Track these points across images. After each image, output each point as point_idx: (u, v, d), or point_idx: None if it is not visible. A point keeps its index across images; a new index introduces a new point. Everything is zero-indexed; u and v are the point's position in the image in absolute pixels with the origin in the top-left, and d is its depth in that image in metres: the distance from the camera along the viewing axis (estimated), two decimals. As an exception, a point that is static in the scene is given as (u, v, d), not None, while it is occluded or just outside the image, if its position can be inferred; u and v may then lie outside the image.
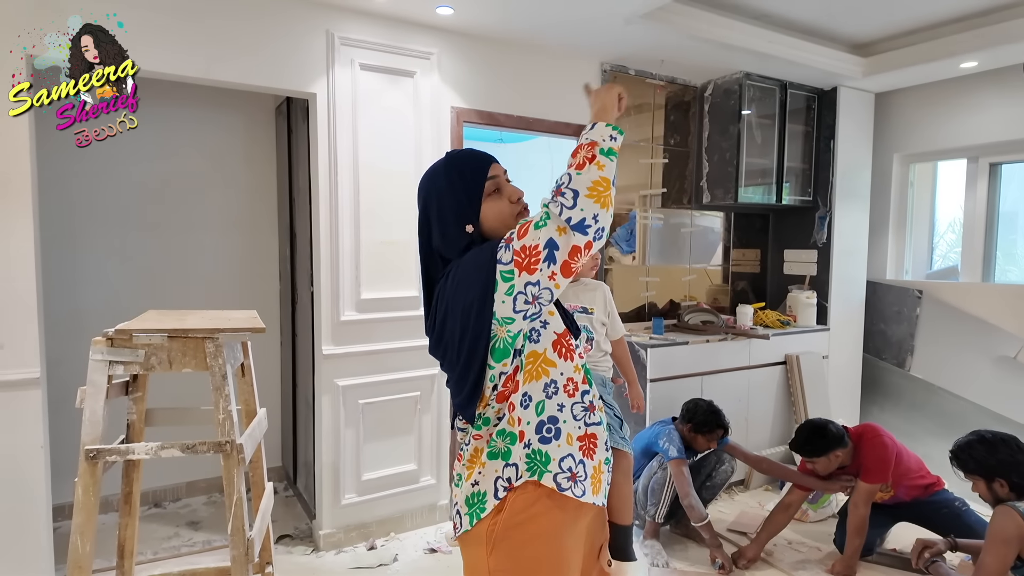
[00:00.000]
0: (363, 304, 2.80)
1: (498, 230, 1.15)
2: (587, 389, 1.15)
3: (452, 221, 1.16)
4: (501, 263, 1.04)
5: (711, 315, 3.77)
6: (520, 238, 1.03)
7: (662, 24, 2.87)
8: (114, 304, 3.05)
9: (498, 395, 1.12)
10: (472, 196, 1.14)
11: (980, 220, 3.85)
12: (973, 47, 3.23)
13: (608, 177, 1.02)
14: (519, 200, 1.18)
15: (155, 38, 2.32)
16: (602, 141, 1.04)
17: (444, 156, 1.22)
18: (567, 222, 0.99)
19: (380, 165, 2.82)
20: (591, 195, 0.99)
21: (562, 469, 1.10)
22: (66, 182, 2.98)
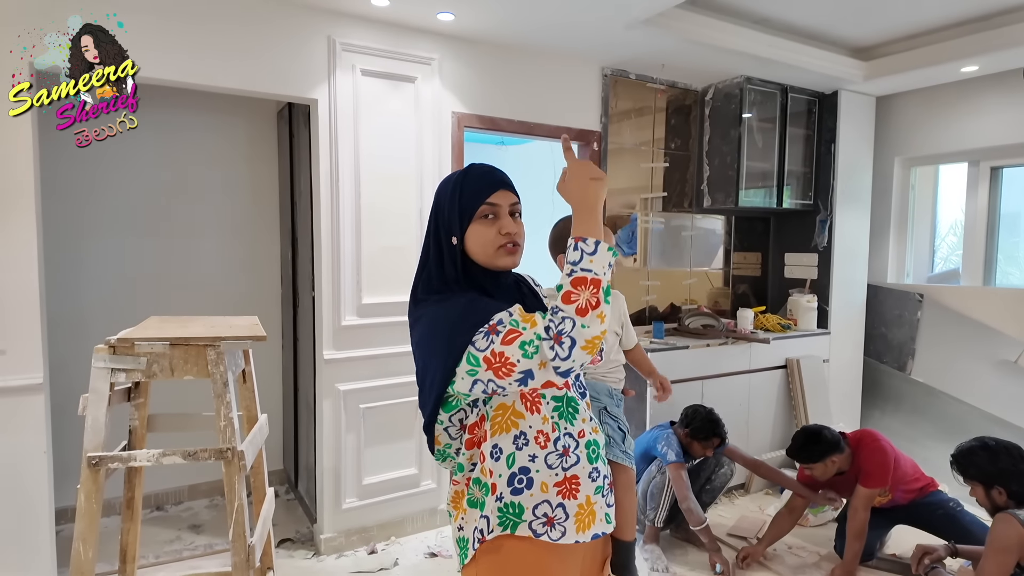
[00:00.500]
0: (364, 309, 2.81)
1: (478, 255, 1.14)
2: (559, 436, 1.11)
3: (443, 228, 1.16)
4: (473, 345, 1.02)
5: (712, 319, 3.78)
6: (502, 343, 1.00)
7: (663, 29, 2.88)
8: (116, 308, 3.07)
9: (467, 441, 1.13)
10: (464, 212, 1.14)
11: (981, 224, 3.86)
12: (974, 51, 3.23)
13: (606, 329, 1.00)
14: (508, 235, 1.13)
15: (158, 44, 2.33)
16: (604, 276, 1.00)
17: (465, 167, 1.21)
18: (555, 368, 0.99)
19: (382, 170, 2.83)
20: (587, 348, 0.98)
21: (536, 516, 1.09)
22: (69, 187, 3.00)
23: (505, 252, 1.14)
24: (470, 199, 1.14)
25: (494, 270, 1.16)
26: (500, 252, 1.14)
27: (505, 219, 1.14)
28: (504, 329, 1.02)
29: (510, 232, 1.14)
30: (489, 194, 1.14)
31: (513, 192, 1.18)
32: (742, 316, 3.73)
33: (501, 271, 1.17)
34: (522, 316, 1.04)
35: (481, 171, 1.17)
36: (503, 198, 1.15)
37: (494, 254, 1.14)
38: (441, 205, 1.18)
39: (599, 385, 2.09)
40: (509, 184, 1.18)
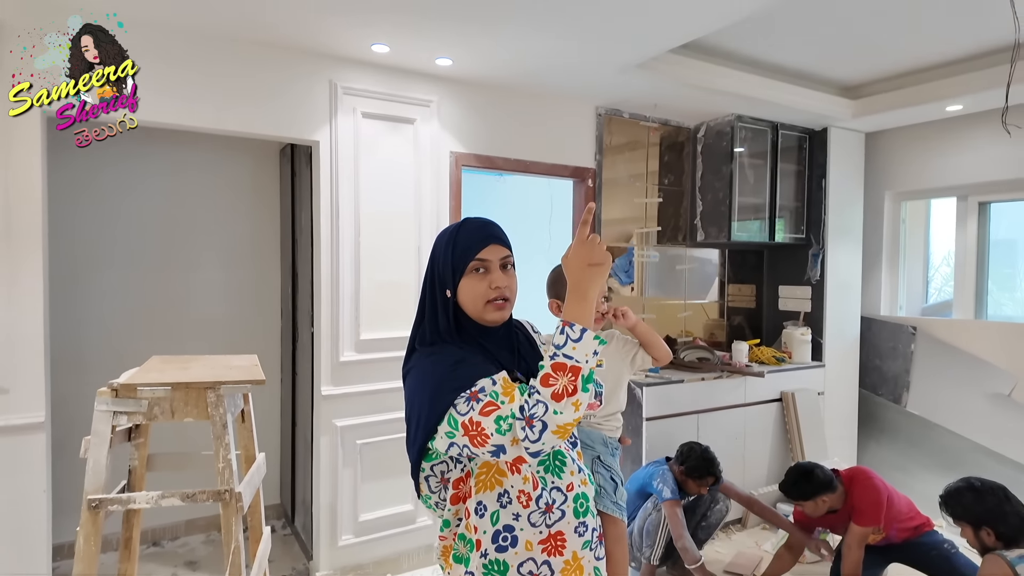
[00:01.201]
0: (362, 344, 2.85)
1: (469, 308, 1.18)
2: (541, 493, 1.13)
3: (438, 281, 1.21)
4: (455, 408, 1.05)
5: (707, 352, 3.81)
6: (480, 413, 1.03)
7: (655, 73, 2.97)
8: (118, 343, 3.11)
9: (452, 497, 1.15)
10: (456, 266, 1.18)
11: (971, 257, 3.91)
12: (956, 92, 3.33)
13: (580, 417, 1.02)
14: (496, 289, 1.17)
15: (164, 89, 2.41)
16: (586, 363, 1.02)
17: (460, 220, 1.26)
18: (525, 448, 1.01)
19: (381, 208, 2.90)
20: (558, 433, 1.00)
21: (522, 573, 1.11)
22: (73, 223, 3.06)
23: (494, 308, 1.17)
24: (462, 254, 1.18)
25: (485, 324, 1.20)
26: (489, 307, 1.17)
27: (495, 273, 1.18)
28: (484, 399, 1.04)
29: (499, 286, 1.17)
30: (480, 249, 1.18)
31: (504, 246, 1.21)
32: (737, 349, 3.77)
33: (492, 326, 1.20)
34: (504, 387, 1.06)
35: (474, 226, 1.21)
36: (494, 252, 1.19)
37: (483, 308, 1.17)
38: (436, 258, 1.22)
39: (594, 433, 2.02)
40: (500, 238, 1.21)
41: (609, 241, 3.75)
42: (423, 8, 2.25)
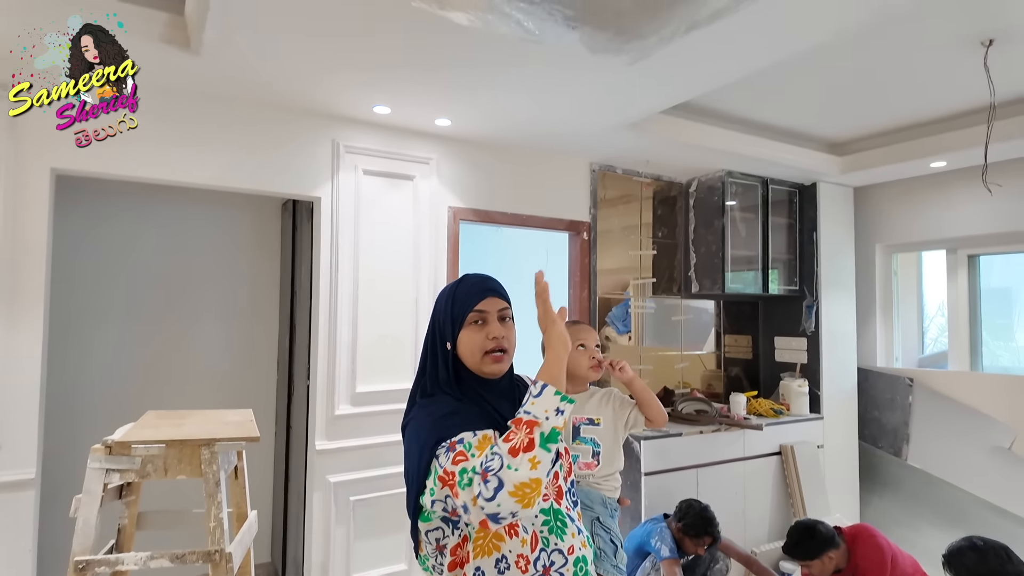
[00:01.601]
0: (358, 397, 2.85)
1: (468, 359, 1.21)
2: (539, 555, 1.12)
3: (438, 333, 1.24)
4: (437, 459, 1.06)
5: (704, 404, 3.79)
6: (452, 463, 1.03)
7: (646, 132, 3.08)
8: (114, 395, 3.09)
9: (450, 563, 1.15)
10: (456, 319, 1.21)
11: (963, 309, 3.95)
12: (939, 149, 3.43)
13: (540, 477, 0.96)
14: (494, 340, 1.19)
15: (170, 148, 2.49)
16: (545, 420, 1.00)
17: (460, 277, 1.30)
18: (481, 508, 0.96)
19: (380, 262, 2.95)
20: (515, 495, 0.94)
21: None
22: (74, 275, 3.09)
23: (492, 359, 1.20)
24: (461, 306, 1.22)
25: (483, 376, 1.22)
26: (487, 359, 1.20)
27: (493, 324, 1.22)
28: (459, 449, 1.05)
29: (496, 336, 1.20)
30: (478, 301, 1.22)
31: (502, 299, 1.25)
32: (735, 401, 3.75)
33: (492, 378, 1.22)
34: (479, 442, 1.06)
35: (473, 280, 1.26)
36: (492, 305, 1.23)
37: (481, 360, 1.20)
38: (438, 312, 1.26)
39: (593, 494, 1.96)
40: (498, 292, 1.26)
41: (605, 291, 3.79)
42: (423, 74, 2.35)
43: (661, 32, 1.79)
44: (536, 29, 1.76)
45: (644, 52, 1.91)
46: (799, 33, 2.02)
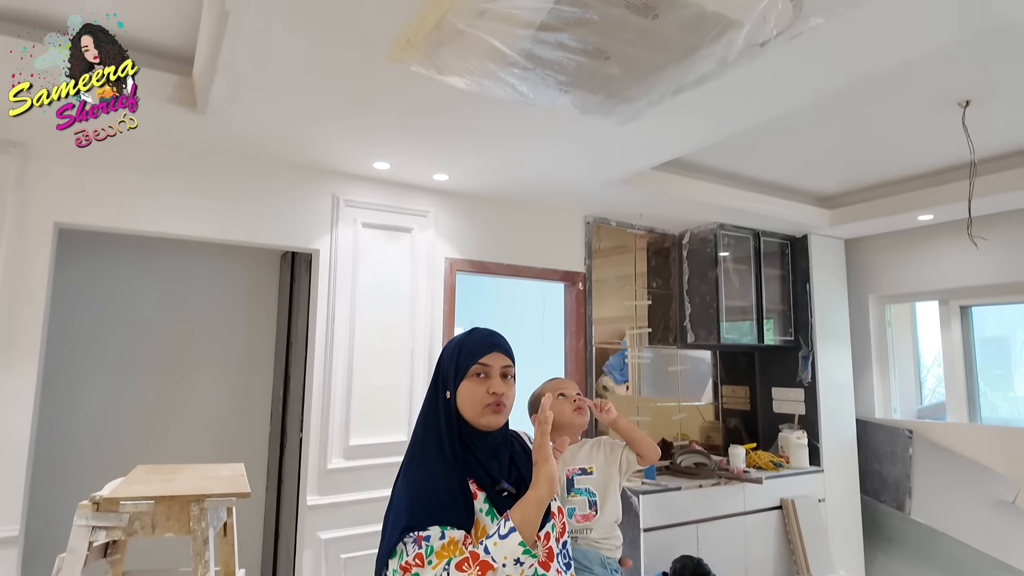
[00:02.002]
0: (351, 451, 2.81)
1: (467, 411, 1.21)
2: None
3: (440, 383, 1.25)
4: (405, 545, 1.07)
5: (703, 457, 3.75)
6: (413, 557, 1.05)
7: (638, 187, 3.16)
8: (105, 447, 3.05)
9: None
10: (459, 369, 1.23)
11: (959, 360, 3.95)
12: (926, 203, 3.51)
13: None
14: (494, 395, 1.20)
15: (173, 203, 2.55)
16: (502, 567, 1.01)
17: (469, 328, 1.31)
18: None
19: (376, 313, 2.97)
20: None
21: None
22: (70, 326, 3.09)
23: (491, 411, 1.20)
24: (466, 357, 1.23)
25: (480, 429, 1.22)
26: (486, 411, 1.20)
27: (495, 379, 1.23)
28: (418, 551, 1.05)
29: (496, 392, 1.21)
30: (484, 354, 1.23)
31: (507, 355, 1.26)
32: (734, 454, 3.71)
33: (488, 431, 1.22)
34: (442, 549, 1.06)
35: (481, 334, 1.28)
36: (496, 360, 1.24)
37: (480, 412, 1.20)
38: (443, 362, 1.28)
39: (592, 553, 1.89)
40: (504, 348, 1.27)
41: (601, 340, 3.80)
42: (421, 132, 2.43)
43: (649, 96, 1.87)
44: (530, 93, 1.84)
45: (634, 114, 1.98)
46: (782, 97, 2.11)
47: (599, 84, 1.83)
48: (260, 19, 1.65)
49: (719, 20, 1.53)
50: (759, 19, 1.54)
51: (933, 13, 1.62)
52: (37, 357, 2.27)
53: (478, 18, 1.53)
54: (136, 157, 2.49)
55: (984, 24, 1.67)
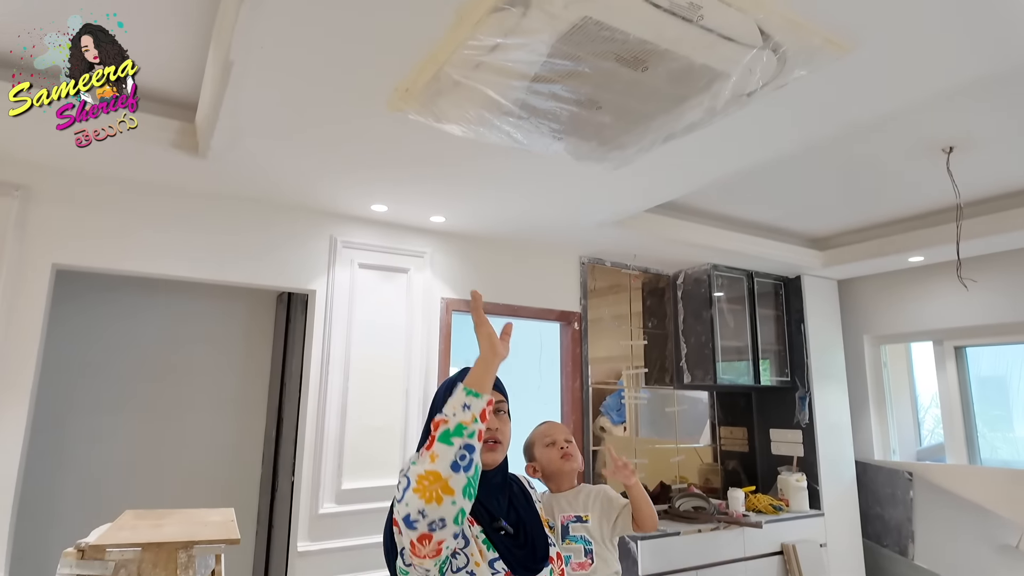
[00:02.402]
0: (343, 495, 2.77)
1: None
2: None
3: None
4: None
5: (702, 500, 3.69)
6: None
7: (631, 229, 3.20)
8: (94, 490, 3.00)
9: None
10: None
11: (956, 401, 3.94)
12: (916, 245, 3.56)
13: (437, 471, 0.97)
14: (489, 431, 1.20)
15: (171, 245, 2.57)
16: (452, 416, 1.02)
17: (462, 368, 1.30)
18: (398, 515, 0.99)
19: (372, 353, 2.96)
20: (418, 489, 0.96)
21: None
22: (62, 367, 3.07)
23: (487, 448, 1.21)
24: None
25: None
26: (483, 448, 1.18)
27: (489, 416, 1.21)
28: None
29: (492, 428, 1.22)
30: None
31: (500, 392, 1.28)
32: (733, 497, 3.66)
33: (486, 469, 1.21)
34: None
35: None
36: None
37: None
38: (437, 402, 1.26)
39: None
40: (497, 385, 1.28)
41: (598, 380, 3.78)
42: (419, 176, 2.48)
43: (640, 143, 1.92)
44: (525, 140, 1.89)
45: (625, 160, 2.03)
46: (769, 143, 2.17)
47: (592, 132, 1.88)
48: (263, 69, 1.70)
49: (706, 72, 1.59)
50: (745, 71, 1.60)
51: (914, 66, 1.68)
52: (28, 399, 2.26)
53: (474, 70, 1.59)
54: (135, 199, 2.53)
55: (962, 78, 1.74)
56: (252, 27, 1.49)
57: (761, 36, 1.46)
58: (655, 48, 1.48)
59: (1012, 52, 1.61)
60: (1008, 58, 1.64)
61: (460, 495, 0.97)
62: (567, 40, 1.45)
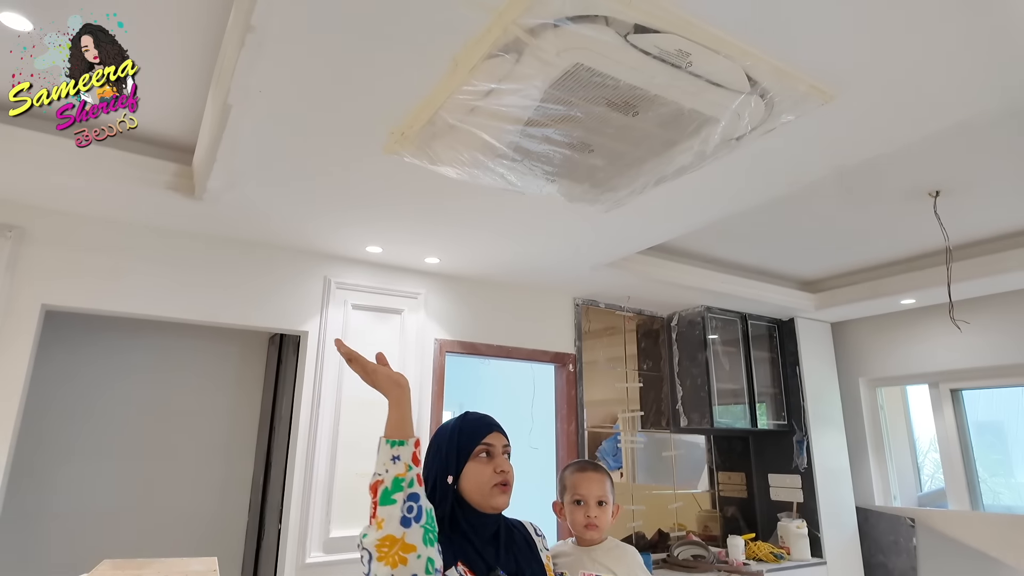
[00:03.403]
0: (331, 544, 2.68)
1: (472, 493, 1.18)
2: None
3: (440, 468, 1.22)
4: None
5: (702, 548, 3.59)
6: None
7: (625, 270, 3.22)
8: (73, 538, 2.90)
9: None
10: (461, 451, 1.22)
11: (955, 445, 3.90)
12: (907, 287, 3.58)
13: (390, 534, 0.97)
14: (502, 473, 1.20)
15: (162, 285, 2.56)
16: (385, 473, 1.01)
17: (462, 413, 1.32)
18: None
19: (363, 396, 2.90)
20: (381, 558, 0.96)
21: None
22: (45, 410, 3.00)
23: (499, 491, 1.19)
24: (468, 439, 1.23)
25: (483, 512, 1.19)
26: (495, 491, 1.19)
27: (500, 458, 1.23)
28: None
29: (504, 470, 1.21)
30: (486, 435, 1.24)
31: (505, 435, 1.28)
32: (732, 545, 3.56)
33: (488, 516, 1.19)
34: None
35: (477, 416, 1.30)
36: (497, 439, 1.25)
37: (489, 492, 1.19)
38: (439, 447, 1.25)
39: None
40: (502, 429, 1.29)
41: (594, 423, 3.73)
42: (414, 218, 2.50)
43: (632, 186, 1.95)
44: (518, 182, 1.91)
45: (617, 202, 2.06)
46: (759, 187, 2.21)
47: (584, 174, 1.91)
48: (261, 112, 1.73)
49: (696, 116, 1.63)
50: (734, 116, 1.63)
51: (896, 113, 1.73)
52: (8, 444, 2.20)
53: (469, 114, 1.62)
54: (129, 240, 2.53)
55: (945, 123, 1.78)
56: (251, 71, 1.52)
57: (748, 82, 1.50)
58: (645, 93, 1.52)
59: (991, 96, 1.66)
60: (988, 102, 1.68)
61: (422, 546, 0.98)
62: (560, 86, 1.48)
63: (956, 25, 1.37)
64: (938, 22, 1.36)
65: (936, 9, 1.32)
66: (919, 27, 1.38)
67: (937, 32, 1.40)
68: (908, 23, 1.37)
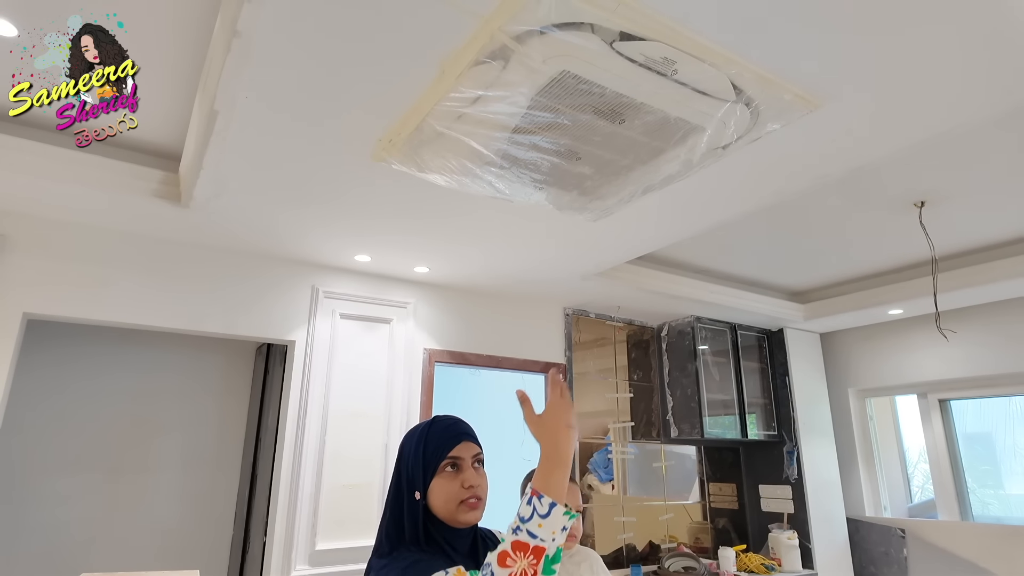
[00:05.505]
0: (317, 556, 2.64)
1: (440, 510, 1.14)
2: None
3: (406, 483, 1.17)
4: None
5: (692, 560, 3.57)
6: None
7: (615, 280, 3.22)
8: (53, 552, 2.83)
9: None
10: (428, 466, 1.16)
11: (943, 455, 3.90)
12: (894, 298, 3.60)
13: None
14: (470, 488, 1.14)
15: (146, 294, 2.53)
16: (552, 542, 0.94)
17: (430, 419, 1.25)
18: None
19: (350, 406, 2.89)
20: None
21: None
22: (25, 422, 2.95)
23: (467, 507, 1.14)
24: (434, 452, 1.16)
25: (455, 526, 1.14)
26: (462, 507, 1.13)
27: (468, 472, 1.16)
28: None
29: (472, 485, 1.15)
30: (452, 446, 1.17)
31: (476, 443, 1.21)
32: (724, 557, 3.54)
33: (462, 529, 1.15)
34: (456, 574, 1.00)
35: (445, 424, 1.22)
36: (466, 450, 1.18)
37: (456, 509, 1.13)
38: (405, 458, 1.20)
39: None
40: (472, 436, 1.22)
41: (585, 435, 3.71)
42: (403, 227, 2.49)
43: (620, 194, 1.95)
44: (507, 190, 1.91)
45: (606, 211, 2.06)
46: (746, 196, 2.22)
47: (572, 182, 1.91)
48: (247, 119, 1.72)
49: (682, 125, 1.64)
50: (720, 124, 1.64)
51: (881, 123, 1.74)
52: (-13, 454, 2.15)
53: (456, 121, 1.62)
54: (113, 248, 2.50)
55: (929, 133, 1.80)
56: (237, 77, 1.52)
57: (734, 91, 1.51)
58: (631, 101, 1.52)
59: (976, 107, 1.68)
60: (973, 113, 1.70)
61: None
62: (546, 93, 1.49)
63: (942, 36, 1.39)
64: (924, 33, 1.38)
65: (922, 20, 1.34)
66: (904, 38, 1.40)
67: (922, 43, 1.41)
68: (893, 34, 1.39)
